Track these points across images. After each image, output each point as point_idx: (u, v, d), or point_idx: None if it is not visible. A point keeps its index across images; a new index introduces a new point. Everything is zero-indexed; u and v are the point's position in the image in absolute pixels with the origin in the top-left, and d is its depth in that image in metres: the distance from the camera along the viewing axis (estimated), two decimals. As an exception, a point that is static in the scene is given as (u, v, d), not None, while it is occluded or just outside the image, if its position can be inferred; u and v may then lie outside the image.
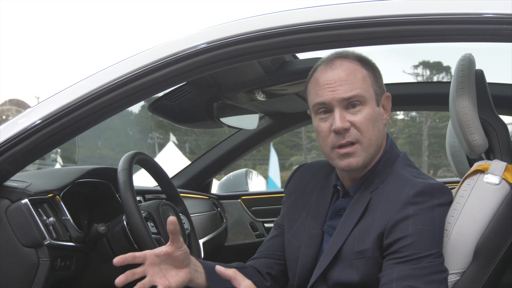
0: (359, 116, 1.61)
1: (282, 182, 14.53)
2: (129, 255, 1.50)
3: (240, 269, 1.78)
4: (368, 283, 1.57)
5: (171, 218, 1.48)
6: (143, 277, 1.52)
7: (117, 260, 1.48)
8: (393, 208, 1.55)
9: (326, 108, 1.63)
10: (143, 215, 2.05)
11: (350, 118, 1.61)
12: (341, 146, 1.62)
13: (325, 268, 1.62)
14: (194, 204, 3.00)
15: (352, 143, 1.61)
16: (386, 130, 1.74)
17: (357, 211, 1.63)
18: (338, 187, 1.74)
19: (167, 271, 1.54)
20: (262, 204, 3.43)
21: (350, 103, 1.61)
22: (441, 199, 1.57)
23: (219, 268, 1.45)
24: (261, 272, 1.83)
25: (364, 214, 1.61)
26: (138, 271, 1.50)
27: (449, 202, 1.61)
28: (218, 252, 3.24)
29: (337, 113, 1.60)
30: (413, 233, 1.51)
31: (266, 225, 3.37)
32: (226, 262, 2.02)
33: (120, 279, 1.45)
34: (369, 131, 1.62)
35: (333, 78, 1.62)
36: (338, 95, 1.60)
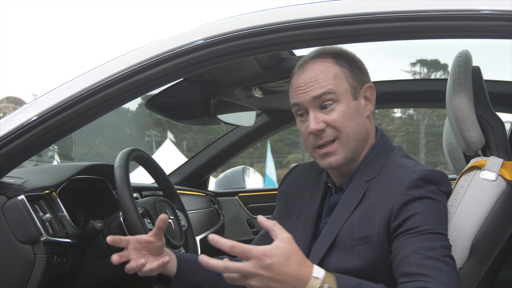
0: (333, 115, 1.62)
1: (279, 179, 14.54)
2: (117, 237, 1.60)
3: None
4: (370, 270, 1.56)
5: (163, 216, 1.61)
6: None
7: (110, 239, 1.59)
8: (397, 192, 1.55)
9: (303, 110, 1.67)
10: (140, 211, 2.05)
11: (324, 118, 1.63)
12: (321, 146, 1.64)
13: (322, 256, 1.61)
14: (191, 201, 3.00)
15: (331, 141, 1.64)
16: (376, 124, 1.76)
17: (354, 199, 1.63)
18: (329, 184, 1.75)
19: (146, 257, 1.63)
20: (259, 201, 3.43)
21: (322, 103, 1.63)
22: (442, 186, 1.58)
23: (260, 218, 1.38)
24: None
25: (362, 201, 1.61)
26: (124, 254, 1.60)
27: (449, 191, 1.61)
28: (215, 249, 3.23)
29: (311, 114, 1.63)
30: (421, 211, 1.51)
31: (263, 222, 3.36)
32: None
33: (115, 259, 1.57)
34: (345, 128, 1.63)
35: (304, 81, 1.65)
36: (309, 95, 1.63)
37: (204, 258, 1.32)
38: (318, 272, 1.34)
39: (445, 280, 1.40)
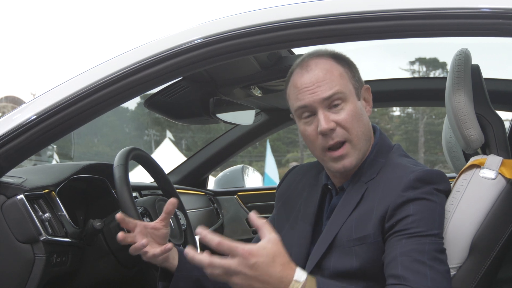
0: (342, 115, 1.61)
1: (278, 179, 14.53)
2: (127, 219, 1.67)
3: None
4: (368, 270, 1.56)
5: (173, 200, 1.68)
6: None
7: (119, 216, 1.66)
8: (393, 193, 1.55)
9: (309, 112, 1.63)
10: (139, 210, 2.05)
11: (334, 117, 1.61)
12: (333, 149, 1.62)
13: (320, 257, 1.62)
14: (191, 200, 3.00)
15: (341, 143, 1.62)
16: (373, 124, 1.75)
17: (353, 199, 1.63)
18: (329, 187, 1.74)
19: (151, 244, 1.69)
20: (258, 200, 3.43)
21: (331, 103, 1.61)
22: (440, 185, 1.57)
23: (252, 215, 1.44)
24: None
25: (361, 202, 1.61)
26: (130, 235, 1.68)
27: (447, 190, 1.61)
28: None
29: (320, 114, 1.60)
30: (414, 213, 1.51)
31: (262, 221, 3.36)
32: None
33: (120, 236, 1.65)
34: (355, 128, 1.62)
35: (311, 80, 1.62)
36: (318, 96, 1.60)
37: (189, 252, 1.34)
38: (300, 275, 1.36)
39: (429, 285, 1.42)
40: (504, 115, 2.25)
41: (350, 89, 1.64)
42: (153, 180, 2.44)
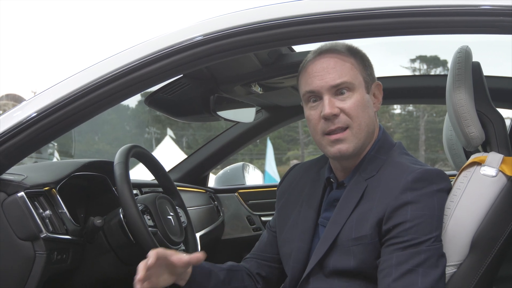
0: (348, 103, 1.63)
1: (279, 176, 14.51)
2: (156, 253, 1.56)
3: (232, 272, 1.80)
4: (363, 269, 1.58)
5: (200, 256, 1.57)
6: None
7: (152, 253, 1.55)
8: (391, 194, 1.56)
9: (316, 96, 1.66)
10: (140, 208, 2.05)
11: (339, 104, 1.63)
12: (332, 133, 1.64)
13: (322, 256, 1.63)
14: (191, 198, 3.00)
15: (342, 129, 1.63)
16: (378, 123, 1.75)
17: (353, 198, 1.64)
18: (331, 180, 1.75)
19: (161, 274, 1.60)
20: (259, 198, 3.43)
21: (338, 90, 1.63)
22: (440, 185, 1.58)
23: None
24: (252, 273, 1.86)
25: (361, 201, 1.62)
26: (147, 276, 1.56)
27: (448, 188, 1.61)
28: (215, 245, 3.25)
29: (326, 99, 1.63)
30: (411, 218, 1.52)
31: (263, 218, 3.37)
32: (223, 256, 2.02)
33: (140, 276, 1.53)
34: (359, 117, 1.64)
35: (322, 66, 1.65)
36: (327, 83, 1.63)
37: None
38: None
39: None
40: (505, 113, 2.24)
41: (360, 81, 1.66)
42: (153, 177, 2.44)
